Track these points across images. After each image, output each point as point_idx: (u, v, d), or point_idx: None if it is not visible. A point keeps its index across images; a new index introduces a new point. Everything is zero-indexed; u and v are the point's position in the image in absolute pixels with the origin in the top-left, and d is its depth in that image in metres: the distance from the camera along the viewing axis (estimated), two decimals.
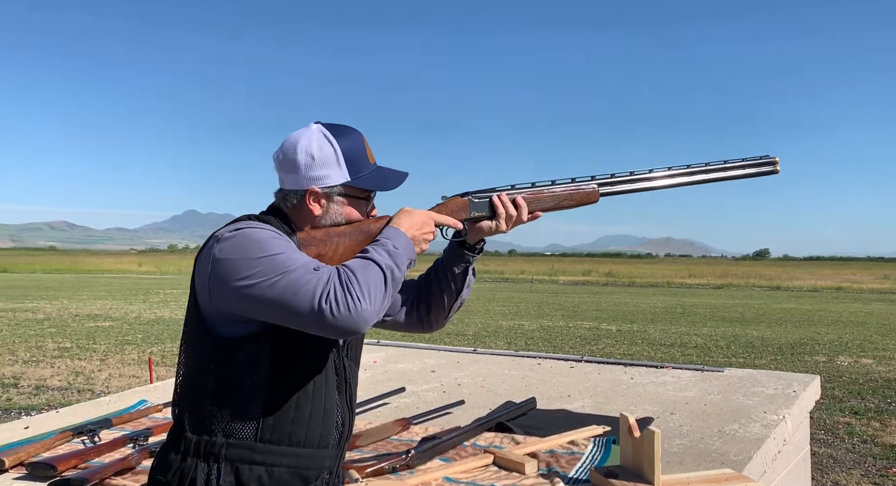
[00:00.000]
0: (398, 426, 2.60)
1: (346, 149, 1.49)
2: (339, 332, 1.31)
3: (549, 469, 2.16)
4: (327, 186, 1.48)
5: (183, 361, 1.47)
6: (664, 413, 2.78)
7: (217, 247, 1.37)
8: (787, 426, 2.64)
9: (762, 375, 3.38)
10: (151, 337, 12.13)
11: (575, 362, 3.86)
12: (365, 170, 1.50)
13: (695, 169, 1.76)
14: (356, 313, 1.29)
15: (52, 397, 7.37)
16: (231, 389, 1.39)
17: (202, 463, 1.39)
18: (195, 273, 1.43)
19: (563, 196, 1.70)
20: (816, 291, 35.09)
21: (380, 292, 1.34)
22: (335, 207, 1.50)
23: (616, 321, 16.40)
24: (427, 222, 1.53)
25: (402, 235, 1.46)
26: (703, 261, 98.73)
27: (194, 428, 1.42)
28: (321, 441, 1.46)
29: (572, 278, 43.81)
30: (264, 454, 1.40)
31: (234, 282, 1.33)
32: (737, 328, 15.07)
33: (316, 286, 1.29)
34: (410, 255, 1.45)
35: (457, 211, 1.63)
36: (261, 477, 1.40)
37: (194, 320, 1.43)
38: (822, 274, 46.95)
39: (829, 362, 10.05)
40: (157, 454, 1.49)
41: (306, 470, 1.45)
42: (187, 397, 1.45)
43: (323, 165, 1.47)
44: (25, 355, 10.00)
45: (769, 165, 1.79)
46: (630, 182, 1.73)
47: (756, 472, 2.23)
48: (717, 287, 37.99)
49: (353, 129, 1.53)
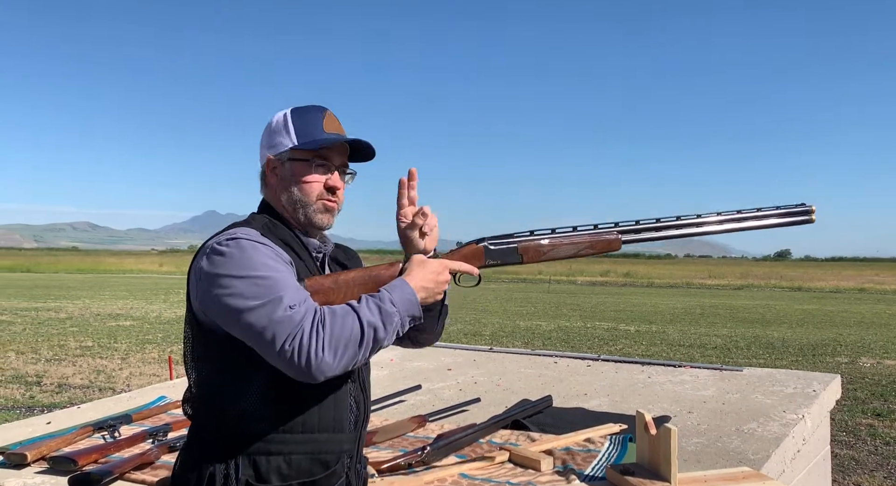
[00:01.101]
0: (414, 423, 2.61)
1: (297, 118, 1.51)
2: (296, 376, 1.31)
3: (565, 467, 2.15)
4: (279, 152, 1.50)
5: (189, 360, 1.48)
6: (681, 412, 2.77)
7: (207, 258, 1.37)
8: (807, 426, 2.61)
9: (781, 374, 3.35)
10: (171, 336, 12.24)
11: (592, 361, 3.85)
12: (315, 136, 1.49)
13: (725, 217, 1.68)
14: (315, 366, 1.28)
15: (74, 395, 7.47)
16: (239, 384, 1.40)
17: (219, 460, 1.40)
18: (189, 279, 1.44)
19: (583, 245, 1.64)
20: (839, 292, 34.64)
21: (350, 349, 1.32)
22: (287, 173, 1.50)
23: (634, 322, 16.30)
24: (441, 271, 1.50)
25: (407, 288, 1.42)
26: (723, 261, 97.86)
27: (209, 426, 1.44)
28: (335, 425, 1.47)
29: (590, 278, 43.59)
30: (280, 444, 1.41)
31: (216, 298, 1.34)
32: (757, 329, 14.93)
33: (285, 327, 1.29)
34: (412, 311, 1.41)
35: (471, 258, 1.60)
36: (280, 467, 1.40)
37: (193, 321, 1.44)
38: (844, 275, 46.34)
39: (851, 364, 9.93)
40: (178, 454, 1.51)
41: (325, 455, 1.45)
42: (198, 395, 1.46)
43: (275, 134, 1.51)
44: (48, 353, 10.14)
45: (804, 214, 1.70)
46: (655, 230, 1.66)
47: (775, 471, 2.21)
48: (738, 288, 37.63)
49: (318, 105, 1.54)
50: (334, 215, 1.55)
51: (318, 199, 1.50)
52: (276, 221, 1.51)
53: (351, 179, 1.59)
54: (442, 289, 1.50)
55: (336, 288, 1.47)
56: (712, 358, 10.22)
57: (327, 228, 1.56)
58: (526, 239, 1.63)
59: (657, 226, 1.66)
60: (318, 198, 1.50)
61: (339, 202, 1.55)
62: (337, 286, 1.47)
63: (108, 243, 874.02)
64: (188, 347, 1.48)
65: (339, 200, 1.55)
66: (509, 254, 1.62)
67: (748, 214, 1.69)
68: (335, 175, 1.53)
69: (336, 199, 1.53)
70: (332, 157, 1.52)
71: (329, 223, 1.54)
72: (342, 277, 1.50)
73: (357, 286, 1.47)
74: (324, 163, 1.51)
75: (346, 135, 1.55)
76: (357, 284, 1.48)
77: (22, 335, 12.09)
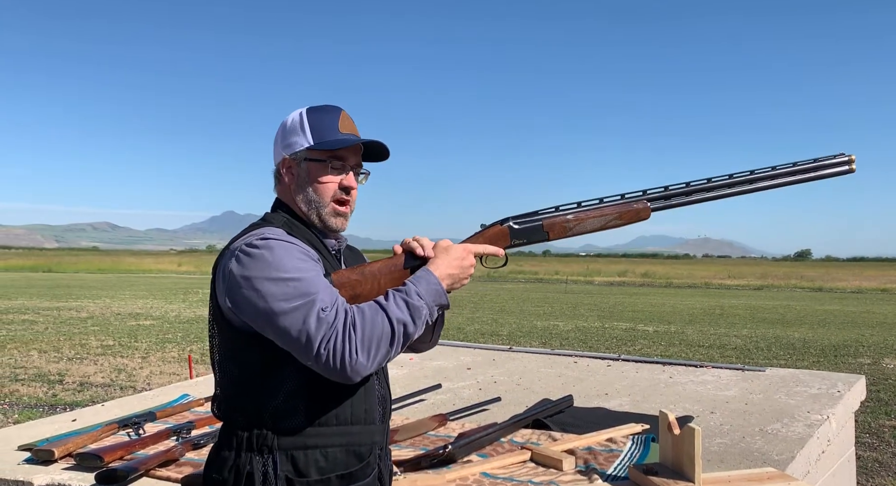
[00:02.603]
0: (435, 422, 2.61)
1: (313, 118, 1.51)
2: (332, 377, 1.33)
3: (587, 466, 2.15)
4: (294, 152, 1.50)
5: (217, 359, 1.48)
6: (704, 412, 2.74)
7: (236, 260, 1.37)
8: (832, 427, 2.58)
9: (805, 374, 3.31)
10: (191, 335, 12.34)
11: (612, 361, 3.83)
12: (330, 136, 1.49)
13: (759, 174, 1.60)
14: (350, 367, 1.30)
15: (95, 394, 7.54)
16: (270, 380, 1.41)
17: (257, 457, 1.40)
18: (214, 278, 1.44)
19: (611, 216, 1.58)
20: (860, 292, 34.21)
21: (382, 348, 1.33)
22: (302, 173, 1.50)
23: (653, 322, 16.20)
24: (466, 256, 1.49)
25: (432, 278, 1.43)
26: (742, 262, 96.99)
27: (243, 424, 1.43)
28: (367, 417, 1.48)
29: (608, 278, 43.38)
30: (316, 438, 1.41)
31: (248, 300, 1.34)
32: (777, 330, 14.78)
33: (319, 330, 1.30)
34: (439, 300, 1.42)
35: (496, 239, 1.57)
36: (317, 461, 1.41)
37: (220, 319, 1.44)
38: (866, 275, 45.76)
39: (874, 365, 9.80)
40: (210, 453, 1.50)
41: (359, 446, 1.46)
42: (230, 394, 1.46)
43: (291, 133, 1.51)
44: (70, 352, 10.26)
45: (844, 164, 1.61)
46: (685, 195, 1.59)
47: (799, 472, 2.18)
48: (757, 288, 37.28)
49: (333, 106, 1.54)
50: (347, 218, 1.56)
51: (332, 199, 1.51)
52: (293, 219, 1.52)
53: (365, 179, 1.59)
54: (468, 274, 1.50)
55: (363, 280, 1.47)
56: (732, 359, 10.14)
57: (340, 231, 1.56)
58: (551, 215, 1.59)
59: (687, 190, 1.59)
60: (333, 198, 1.51)
61: (352, 203, 1.56)
62: (364, 278, 1.48)
63: (128, 243, 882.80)
64: (215, 347, 1.49)
65: (352, 200, 1.55)
66: (535, 232, 1.59)
67: (783, 169, 1.60)
68: (350, 175, 1.53)
69: (350, 199, 1.54)
70: (347, 157, 1.52)
71: (342, 226, 1.55)
72: (368, 269, 1.50)
73: (383, 277, 1.48)
74: (339, 164, 1.51)
75: (360, 135, 1.56)
76: (383, 275, 1.48)
77: (44, 334, 12.24)
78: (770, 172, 1.60)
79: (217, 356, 1.48)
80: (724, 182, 1.59)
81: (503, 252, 1.58)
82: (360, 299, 1.43)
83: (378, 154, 1.58)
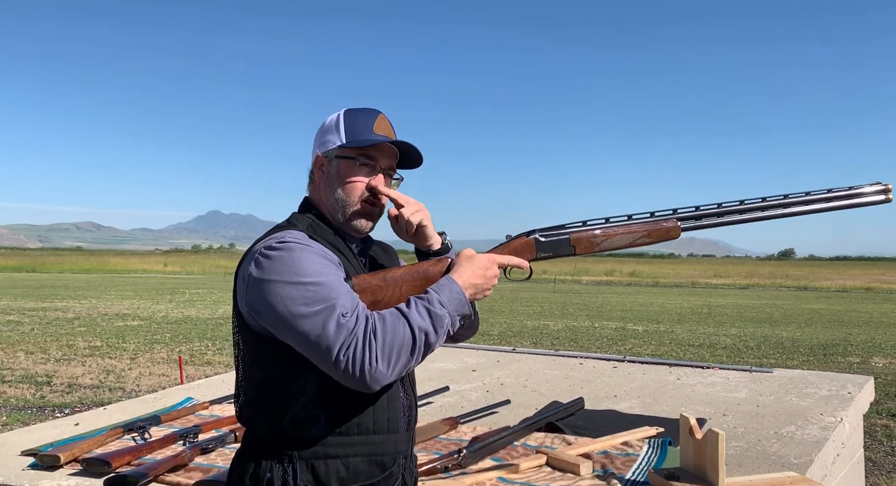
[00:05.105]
0: (446, 426, 2.58)
1: (350, 118, 1.48)
2: (351, 385, 1.30)
3: (605, 471, 2.12)
4: (327, 150, 1.48)
5: (241, 366, 1.45)
6: (716, 414, 2.73)
7: (255, 263, 1.34)
8: (845, 429, 2.57)
9: (813, 376, 3.31)
10: (179, 336, 12.23)
11: (618, 363, 3.81)
12: (363, 136, 1.46)
13: (792, 199, 1.57)
14: (369, 376, 1.26)
15: (84, 395, 7.45)
16: (289, 387, 1.37)
17: (277, 465, 1.37)
18: (236, 283, 1.41)
19: (640, 233, 1.56)
20: (845, 291, 34.58)
21: (403, 356, 1.30)
22: (332, 172, 1.48)
23: (642, 321, 16.27)
24: (490, 266, 1.46)
25: (455, 287, 1.40)
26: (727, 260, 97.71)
27: (264, 431, 1.40)
28: (390, 426, 1.44)
29: (595, 278, 43.55)
30: (337, 447, 1.38)
31: (267, 304, 1.31)
32: (766, 329, 14.89)
33: (339, 336, 1.27)
34: (461, 310, 1.39)
35: (522, 251, 1.55)
36: (338, 471, 1.38)
37: (242, 325, 1.41)
38: (850, 274, 46.26)
39: (863, 364, 9.89)
40: (233, 461, 1.47)
41: (382, 456, 1.43)
42: (252, 402, 1.43)
43: (327, 132, 1.49)
44: (57, 353, 10.13)
45: (880, 193, 1.59)
46: (717, 216, 1.57)
47: (817, 475, 2.17)
48: (743, 287, 37.58)
49: (372, 108, 1.51)
50: (374, 220, 1.52)
51: (360, 200, 1.47)
52: (319, 221, 1.49)
53: (397, 185, 1.55)
54: (491, 284, 1.47)
55: (384, 286, 1.44)
56: (723, 358, 10.19)
57: (366, 233, 1.53)
58: (578, 229, 1.57)
59: (719, 212, 1.57)
60: (360, 199, 1.47)
61: (382, 206, 1.52)
62: (385, 284, 1.44)
63: (113, 242, 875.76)
64: (239, 351, 1.45)
65: (382, 203, 1.51)
66: (561, 245, 1.56)
67: (817, 195, 1.58)
68: (379, 177, 1.50)
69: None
70: (378, 158, 1.49)
71: (367, 228, 1.51)
72: (389, 274, 1.46)
73: (405, 284, 1.45)
74: (369, 162, 1.48)
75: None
76: (405, 281, 1.45)
77: (30, 335, 12.09)
78: (804, 197, 1.58)
79: (241, 361, 1.45)
80: (757, 205, 1.57)
81: (528, 264, 1.55)
82: (380, 305, 1.40)
83: (412, 160, 1.55)
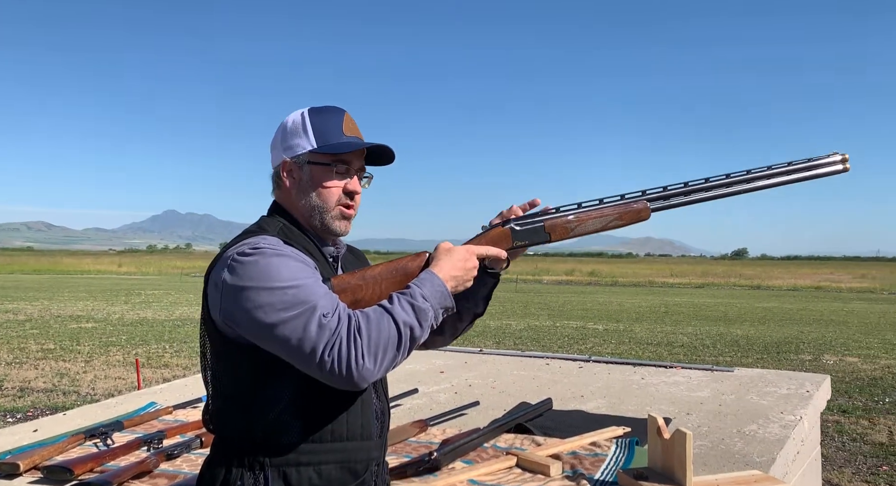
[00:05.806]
0: (416, 428, 2.57)
1: (316, 119, 1.46)
2: (338, 385, 1.28)
3: (575, 472, 2.14)
4: (296, 155, 1.45)
5: (209, 373, 1.42)
6: (680, 414, 2.78)
7: (229, 269, 1.32)
8: (805, 427, 2.64)
9: (772, 375, 3.39)
10: (136, 338, 11.99)
11: (583, 363, 3.85)
12: (334, 139, 1.44)
13: (755, 174, 1.59)
14: (356, 373, 1.25)
15: (37, 399, 7.25)
16: (262, 394, 1.36)
17: (248, 473, 1.36)
18: (206, 289, 1.38)
19: (611, 216, 1.58)
20: (796, 290, 35.53)
21: (389, 352, 1.29)
22: (305, 177, 1.45)
23: (602, 320, 16.48)
24: (468, 258, 1.46)
25: (436, 280, 1.39)
26: (683, 260, 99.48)
27: (235, 438, 1.38)
28: (363, 432, 1.44)
29: (556, 277, 43.96)
30: (310, 454, 1.37)
31: (245, 312, 1.29)
32: (721, 327, 15.20)
33: (322, 337, 1.25)
34: (444, 302, 1.39)
35: (498, 241, 1.55)
36: (311, 478, 1.36)
37: (212, 331, 1.38)
38: (801, 273, 47.53)
39: (814, 361, 10.16)
40: (202, 467, 1.45)
41: (354, 463, 1.42)
42: (221, 409, 1.41)
43: (292, 135, 1.45)
44: (8, 356, 9.84)
45: (838, 163, 1.63)
46: (684, 195, 1.59)
47: (779, 473, 2.22)
48: (699, 286, 38.33)
49: (335, 107, 1.49)
50: (351, 221, 1.51)
51: (336, 204, 1.46)
52: (290, 225, 1.47)
53: (368, 183, 1.55)
54: (471, 276, 1.47)
55: (364, 285, 1.43)
56: (680, 356, 10.37)
57: (344, 235, 1.52)
58: (552, 216, 1.57)
59: (686, 190, 1.59)
60: (337, 203, 1.46)
61: (356, 207, 1.51)
62: (365, 283, 1.44)
63: (65, 243, 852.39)
64: (207, 360, 1.43)
65: (356, 204, 1.51)
66: (536, 233, 1.57)
67: (778, 168, 1.61)
68: (354, 179, 1.48)
69: (354, 203, 1.49)
70: (351, 161, 1.47)
71: (345, 230, 1.50)
72: (369, 273, 1.46)
73: (385, 281, 1.44)
74: (344, 168, 1.46)
75: (364, 138, 1.51)
76: (384, 278, 1.45)
77: None
78: (766, 171, 1.61)
79: (209, 370, 1.43)
80: (722, 182, 1.60)
81: (505, 254, 1.55)
82: (361, 304, 1.39)
83: (383, 158, 1.54)
